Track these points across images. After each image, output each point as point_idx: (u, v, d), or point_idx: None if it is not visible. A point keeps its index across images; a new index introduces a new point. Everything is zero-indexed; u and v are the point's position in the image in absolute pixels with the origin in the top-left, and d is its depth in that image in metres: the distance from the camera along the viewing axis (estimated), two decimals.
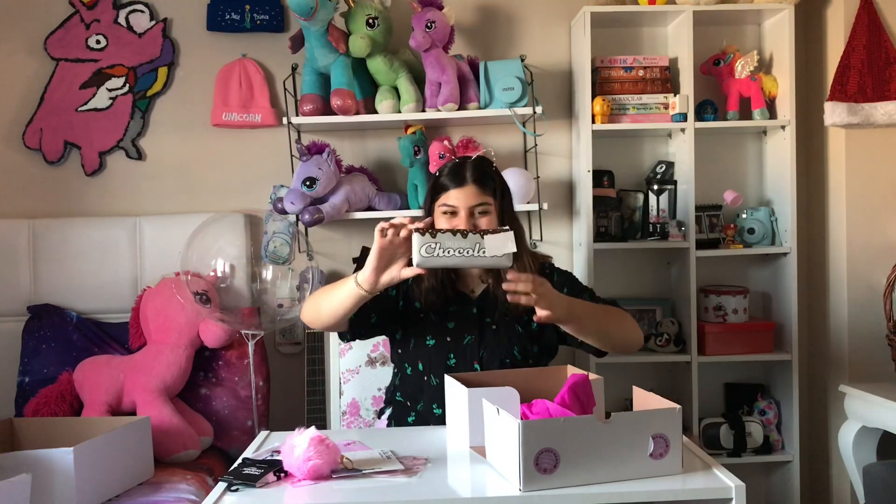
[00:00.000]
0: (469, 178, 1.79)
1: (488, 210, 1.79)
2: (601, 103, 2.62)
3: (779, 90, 2.71)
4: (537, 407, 1.38)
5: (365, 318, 1.78)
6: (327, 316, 1.72)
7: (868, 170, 2.65)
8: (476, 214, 1.78)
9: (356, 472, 1.34)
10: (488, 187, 1.80)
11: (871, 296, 2.61)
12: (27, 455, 1.80)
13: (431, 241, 1.49)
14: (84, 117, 2.75)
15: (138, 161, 2.79)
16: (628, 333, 1.76)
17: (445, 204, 1.79)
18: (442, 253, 1.49)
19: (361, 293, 1.63)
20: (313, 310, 1.77)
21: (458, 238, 1.49)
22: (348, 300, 1.65)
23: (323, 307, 1.73)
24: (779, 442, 2.72)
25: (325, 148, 2.51)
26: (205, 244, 2.51)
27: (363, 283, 1.61)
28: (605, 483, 1.25)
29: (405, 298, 1.85)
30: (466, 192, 1.78)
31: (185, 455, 2.28)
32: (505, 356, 1.79)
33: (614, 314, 1.77)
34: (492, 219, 1.79)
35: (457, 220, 1.77)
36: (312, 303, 1.78)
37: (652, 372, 2.86)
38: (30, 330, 2.56)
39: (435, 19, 2.51)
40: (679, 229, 2.67)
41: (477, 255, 1.49)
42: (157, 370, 2.37)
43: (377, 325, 1.83)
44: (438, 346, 1.81)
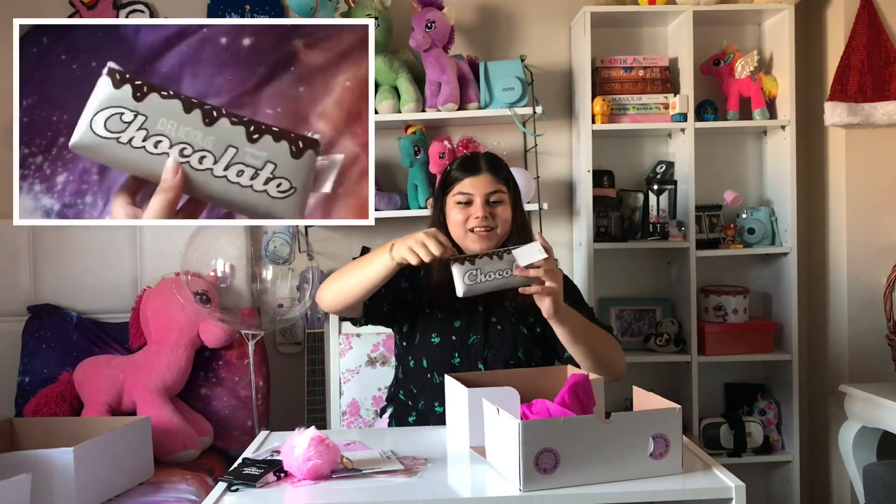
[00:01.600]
0: (483, 167, 1.80)
1: (503, 199, 1.79)
2: (601, 103, 2.62)
3: (779, 90, 2.71)
4: (537, 407, 1.38)
5: (378, 306, 1.77)
6: (351, 292, 1.68)
7: (868, 170, 2.65)
8: (491, 202, 1.77)
9: (356, 472, 1.34)
10: (501, 177, 1.81)
11: (871, 296, 2.61)
12: (27, 455, 1.80)
13: (472, 268, 1.54)
14: None
15: None
16: (614, 359, 1.73)
17: (461, 192, 1.77)
18: (484, 278, 1.54)
19: (390, 263, 1.59)
20: (335, 287, 1.72)
21: (494, 261, 1.53)
22: (377, 269, 1.62)
23: (347, 282, 1.69)
24: (779, 442, 2.72)
25: None
26: (205, 244, 2.51)
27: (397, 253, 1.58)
28: (605, 483, 1.25)
29: (415, 291, 1.84)
30: (482, 180, 1.78)
31: (185, 455, 2.28)
32: (509, 357, 1.79)
33: (605, 336, 1.75)
34: (506, 207, 1.79)
35: (472, 209, 1.76)
36: (334, 280, 1.73)
37: (652, 372, 2.86)
38: (30, 330, 2.56)
39: (435, 19, 2.51)
40: (679, 229, 2.67)
41: (514, 275, 1.53)
42: (157, 370, 2.37)
43: (388, 315, 1.83)
44: (443, 344, 1.81)
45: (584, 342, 1.66)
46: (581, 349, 1.67)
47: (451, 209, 1.80)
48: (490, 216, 1.76)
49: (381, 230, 2.78)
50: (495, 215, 1.77)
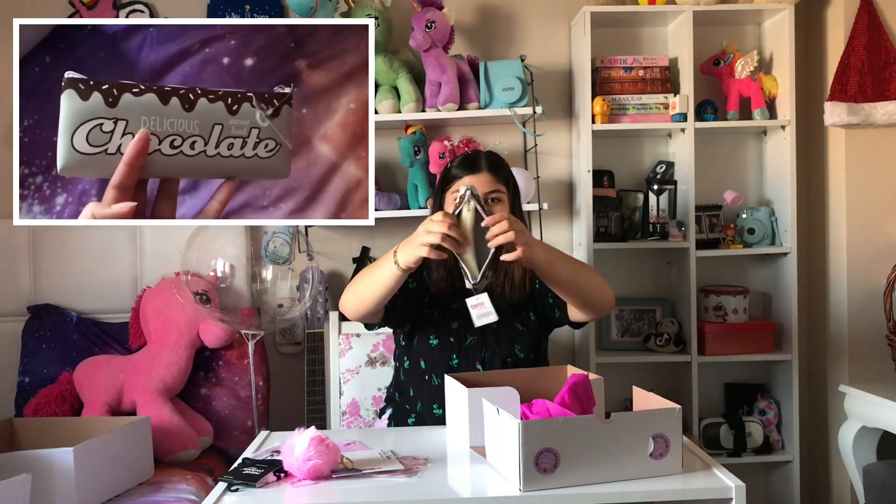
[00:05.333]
0: (483, 166, 1.80)
1: (501, 198, 1.79)
2: (601, 103, 2.62)
3: (779, 90, 2.71)
4: (537, 407, 1.39)
5: (393, 307, 1.77)
6: (368, 299, 1.68)
7: (868, 170, 2.65)
8: (489, 201, 1.78)
9: (356, 472, 1.34)
10: (501, 176, 1.82)
11: (871, 296, 2.61)
12: (27, 455, 1.80)
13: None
14: None
15: None
16: (599, 287, 1.72)
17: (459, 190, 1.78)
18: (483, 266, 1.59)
19: (398, 272, 1.59)
20: (356, 299, 1.72)
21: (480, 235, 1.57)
22: (387, 280, 1.62)
23: (364, 293, 1.68)
24: (779, 442, 2.72)
25: None
26: (205, 244, 2.51)
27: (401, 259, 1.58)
28: (605, 483, 1.25)
29: (419, 291, 1.85)
30: (481, 179, 1.78)
31: (185, 455, 2.28)
32: (507, 355, 1.80)
33: (587, 268, 1.76)
34: (504, 206, 1.79)
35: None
36: (353, 292, 1.73)
37: (652, 372, 2.86)
38: (30, 330, 2.56)
39: (435, 19, 2.51)
40: (679, 229, 2.67)
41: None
42: (157, 370, 2.37)
43: (402, 316, 1.82)
44: (442, 345, 1.81)
45: (566, 278, 1.66)
46: (565, 287, 1.67)
47: (450, 205, 1.80)
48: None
49: (381, 230, 2.78)
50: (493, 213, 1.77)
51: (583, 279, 1.69)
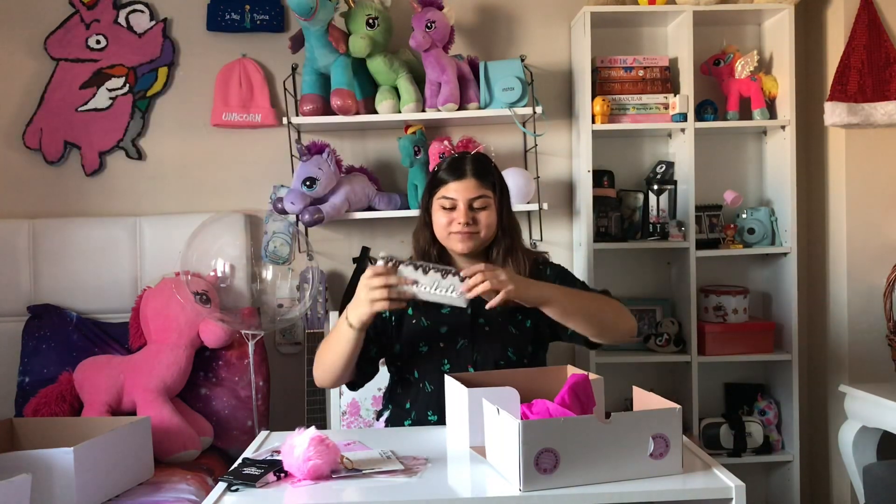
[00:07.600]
0: (468, 172, 1.79)
1: (487, 204, 1.78)
2: (601, 103, 2.62)
3: (779, 90, 2.71)
4: (537, 407, 1.38)
5: (366, 355, 1.76)
6: (335, 368, 1.70)
7: (868, 170, 2.65)
8: (474, 208, 1.77)
9: (356, 472, 1.34)
10: (487, 181, 1.80)
11: (871, 296, 2.61)
12: (27, 455, 1.80)
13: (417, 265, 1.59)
14: (84, 117, 2.75)
15: (138, 161, 2.79)
16: (616, 318, 1.72)
17: (444, 196, 1.78)
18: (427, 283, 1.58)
19: (353, 333, 1.62)
20: (326, 372, 1.74)
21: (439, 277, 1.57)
22: (347, 345, 1.65)
23: (329, 362, 1.71)
24: (779, 442, 2.72)
25: (325, 148, 2.51)
26: (205, 244, 2.51)
27: (354, 320, 1.61)
28: (605, 483, 1.25)
29: (384, 322, 1.83)
30: (466, 185, 1.77)
31: (185, 455, 2.28)
32: (499, 358, 1.78)
33: (602, 300, 1.75)
34: (490, 213, 1.78)
35: (455, 214, 1.76)
36: (319, 367, 1.75)
37: (652, 372, 2.86)
38: (30, 330, 2.56)
39: (435, 19, 2.51)
40: (679, 229, 2.67)
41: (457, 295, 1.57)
42: (157, 370, 2.37)
43: (379, 354, 1.83)
44: (431, 352, 1.79)
45: (577, 313, 1.67)
46: (578, 320, 1.68)
47: (436, 212, 1.80)
48: (473, 221, 1.77)
49: (381, 230, 2.78)
50: (478, 221, 1.77)
51: (591, 310, 1.69)
